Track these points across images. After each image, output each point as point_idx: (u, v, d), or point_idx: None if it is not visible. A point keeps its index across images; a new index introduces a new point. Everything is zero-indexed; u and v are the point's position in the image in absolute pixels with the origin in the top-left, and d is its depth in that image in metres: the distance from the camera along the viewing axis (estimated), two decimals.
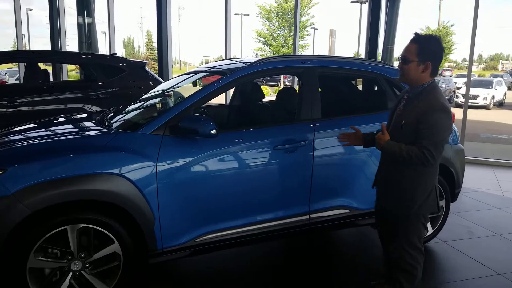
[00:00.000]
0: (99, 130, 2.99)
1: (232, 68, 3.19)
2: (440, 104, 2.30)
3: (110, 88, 5.58)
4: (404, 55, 2.38)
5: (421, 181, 2.41)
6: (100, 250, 2.56)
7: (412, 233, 2.48)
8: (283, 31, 31.82)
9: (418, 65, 2.34)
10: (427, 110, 2.28)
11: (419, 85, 2.40)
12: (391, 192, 2.52)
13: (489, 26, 64.79)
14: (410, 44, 2.38)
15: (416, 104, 2.36)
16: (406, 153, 2.29)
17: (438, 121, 2.27)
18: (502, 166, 7.19)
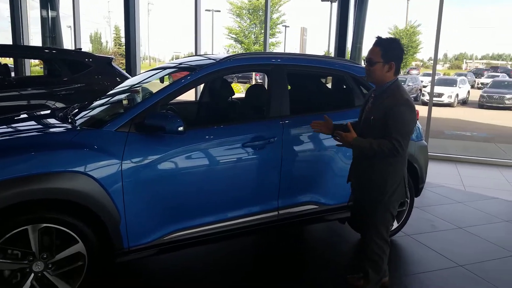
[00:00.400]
0: (62, 127, 2.90)
1: (200, 65, 3.16)
2: (404, 99, 2.50)
3: (75, 84, 5.43)
4: (370, 57, 2.57)
5: (390, 171, 2.58)
6: (63, 250, 2.49)
7: (381, 223, 2.65)
8: (255, 28, 31.77)
9: (383, 66, 2.55)
10: (393, 105, 2.47)
11: (384, 83, 2.58)
12: (363, 184, 2.68)
13: (454, 26, 66.84)
14: (374, 47, 2.57)
15: (382, 101, 2.54)
16: (377, 146, 2.45)
17: (403, 114, 2.46)
18: (465, 161, 7.43)
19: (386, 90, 2.57)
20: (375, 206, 2.64)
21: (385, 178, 2.58)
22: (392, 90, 2.55)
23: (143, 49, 58.60)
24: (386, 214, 2.65)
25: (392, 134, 2.43)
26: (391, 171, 2.58)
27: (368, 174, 2.63)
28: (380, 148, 2.44)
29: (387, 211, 2.64)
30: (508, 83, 20.86)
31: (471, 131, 12.40)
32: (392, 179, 2.58)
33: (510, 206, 5.13)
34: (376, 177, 2.59)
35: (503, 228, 4.37)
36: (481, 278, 3.24)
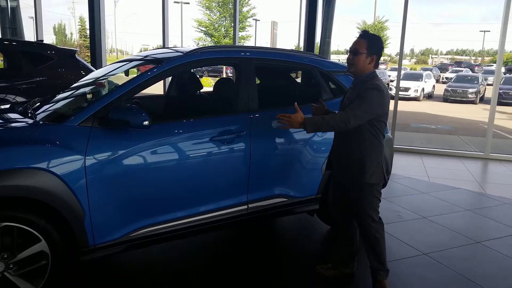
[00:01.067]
0: (22, 122, 2.79)
1: (167, 57, 3.11)
2: (375, 84, 2.64)
3: (37, 78, 5.25)
4: (355, 48, 2.69)
5: (367, 153, 2.70)
6: (25, 249, 2.40)
7: (370, 208, 2.76)
8: (225, 21, 31.61)
9: (366, 57, 2.68)
10: (365, 89, 2.63)
11: (363, 74, 2.71)
12: (344, 169, 2.79)
13: (421, 22, 68.44)
14: (360, 39, 2.71)
15: (358, 88, 2.68)
16: (330, 118, 2.60)
17: (371, 95, 2.60)
18: (429, 153, 7.64)
19: (364, 79, 2.69)
20: (361, 190, 2.73)
21: (362, 158, 2.69)
22: (369, 79, 2.68)
23: (110, 42, 57.38)
24: (373, 199, 2.76)
25: (351, 107, 2.60)
26: (367, 153, 2.69)
27: (347, 158, 2.76)
28: (333, 120, 2.58)
29: (373, 196, 2.75)
30: (471, 77, 21.55)
31: (435, 124, 12.75)
32: (369, 160, 2.68)
33: (471, 195, 5.31)
34: (354, 159, 2.71)
35: (465, 217, 4.52)
36: (444, 266, 3.34)
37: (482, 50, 55.88)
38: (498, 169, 6.79)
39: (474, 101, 19.53)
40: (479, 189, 5.62)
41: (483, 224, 4.37)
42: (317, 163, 3.49)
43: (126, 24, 77.00)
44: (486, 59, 51.18)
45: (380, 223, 2.84)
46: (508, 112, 16.08)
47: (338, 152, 2.86)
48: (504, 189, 5.60)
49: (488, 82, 22.05)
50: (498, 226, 4.25)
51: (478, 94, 19.76)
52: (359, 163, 2.70)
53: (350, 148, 2.73)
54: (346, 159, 2.77)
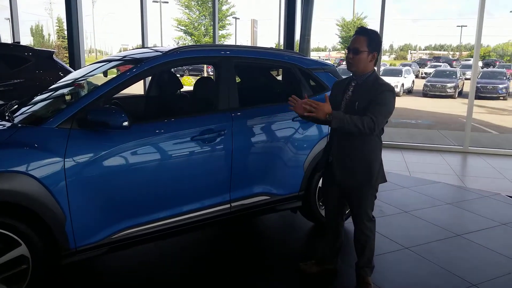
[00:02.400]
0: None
1: (147, 57, 3.09)
2: (389, 85, 2.61)
3: (14, 80, 5.16)
4: (355, 46, 2.59)
5: (373, 155, 2.67)
6: (5, 254, 2.36)
7: (368, 206, 2.76)
8: (204, 20, 31.45)
9: (368, 55, 2.59)
10: (379, 92, 2.55)
11: (365, 73, 2.63)
12: (350, 169, 2.68)
13: (400, 18, 69.29)
14: (359, 36, 2.60)
15: (366, 90, 2.59)
16: (357, 119, 2.46)
17: (387, 98, 2.56)
18: (410, 148, 7.76)
19: (368, 79, 2.63)
20: (366, 191, 2.70)
21: (370, 161, 2.64)
22: (374, 78, 2.62)
23: (89, 42, 56.60)
24: (372, 198, 2.77)
25: (374, 113, 2.49)
26: (373, 155, 2.66)
27: (352, 159, 2.66)
28: (361, 121, 2.46)
29: (373, 196, 2.75)
30: (450, 72, 21.96)
31: (415, 119, 12.94)
32: (375, 162, 2.66)
33: (452, 189, 5.41)
34: (362, 161, 2.65)
35: (446, 210, 4.60)
36: (426, 259, 3.39)
37: (460, 45, 56.87)
38: (477, 163, 6.92)
39: (453, 95, 19.88)
40: (459, 182, 5.72)
41: (463, 217, 4.45)
42: (299, 160, 3.51)
43: (104, 24, 76.02)
44: (464, 54, 52.08)
45: (374, 221, 2.85)
46: (486, 106, 16.40)
47: (341, 153, 2.72)
48: (483, 182, 5.71)
49: (466, 77, 22.45)
50: (477, 219, 4.33)
51: (457, 89, 20.13)
52: (366, 166, 2.65)
53: (356, 149, 2.64)
54: (352, 160, 2.67)
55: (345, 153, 2.69)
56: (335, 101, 2.73)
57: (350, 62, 2.63)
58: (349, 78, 2.79)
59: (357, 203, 2.76)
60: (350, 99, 2.67)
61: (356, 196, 2.74)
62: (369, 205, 2.77)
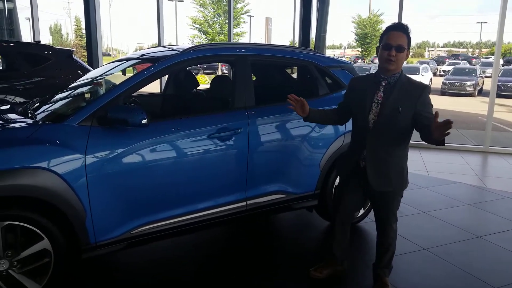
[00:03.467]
0: (22, 122, 2.81)
1: (163, 56, 3.12)
2: (425, 84, 2.56)
3: (35, 78, 5.28)
4: (400, 44, 2.44)
5: (404, 159, 2.65)
6: (28, 247, 2.44)
7: (396, 208, 2.74)
8: (219, 18, 31.55)
9: (407, 52, 2.50)
10: (421, 92, 2.47)
11: (397, 72, 2.54)
12: (385, 174, 2.61)
13: (417, 15, 68.45)
14: (400, 33, 2.46)
15: (405, 91, 2.50)
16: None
17: (429, 98, 2.51)
18: (428, 148, 7.63)
19: (400, 79, 2.52)
20: (397, 195, 2.69)
21: (402, 165, 2.62)
22: (405, 78, 2.54)
23: (106, 41, 57.25)
24: (399, 201, 2.76)
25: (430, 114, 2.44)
26: (405, 160, 2.64)
27: (388, 165, 2.59)
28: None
29: (400, 198, 2.75)
30: (469, 70, 21.54)
31: None
32: (406, 166, 2.65)
33: (471, 190, 5.33)
34: (396, 167, 2.60)
35: (465, 211, 4.53)
36: (445, 261, 3.35)
37: (480, 42, 55.89)
38: (498, 163, 6.81)
39: (473, 94, 19.53)
40: (479, 183, 5.63)
41: (483, 219, 4.37)
42: (315, 159, 3.51)
43: (121, 23, 76.87)
44: (484, 51, 51.19)
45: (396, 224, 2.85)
46: (507, 105, 16.09)
47: (376, 159, 2.59)
48: (504, 183, 5.61)
49: (486, 74, 22.05)
50: (498, 220, 4.26)
51: (477, 87, 19.77)
52: (400, 171, 2.61)
53: (391, 155, 2.57)
54: (388, 167, 2.58)
55: (380, 158, 2.58)
56: (359, 99, 2.61)
57: (392, 60, 2.45)
58: (373, 76, 2.63)
59: (386, 207, 2.73)
60: (387, 102, 2.50)
61: (387, 201, 2.71)
62: (397, 207, 2.76)
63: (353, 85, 2.76)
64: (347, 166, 2.78)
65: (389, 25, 2.55)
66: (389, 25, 2.54)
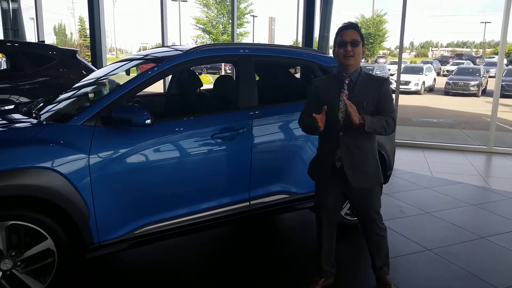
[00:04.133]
0: (26, 122, 2.83)
1: (167, 56, 3.13)
2: (385, 78, 2.63)
3: (39, 78, 5.30)
4: (354, 38, 2.50)
5: (376, 155, 2.67)
6: (32, 247, 2.45)
7: (379, 205, 2.73)
8: (222, 18, 31.59)
9: (362, 48, 2.55)
10: (380, 85, 2.54)
11: (357, 68, 2.58)
12: (362, 171, 2.60)
13: (421, 15, 68.29)
14: (351, 30, 2.53)
15: (366, 86, 2.55)
16: (385, 122, 2.48)
17: (390, 91, 2.59)
18: (431, 148, 7.64)
19: (360, 75, 2.56)
20: (377, 190, 2.70)
21: (376, 159, 2.65)
22: (365, 74, 2.59)
23: (110, 41, 57.41)
24: (380, 197, 2.76)
25: (391, 110, 2.52)
26: (376, 152, 2.66)
27: (363, 161, 2.59)
28: (386, 122, 2.47)
29: (380, 194, 2.77)
30: (473, 70, 21.46)
31: (437, 117, 12.73)
32: (378, 162, 2.68)
33: (475, 190, 5.31)
34: (371, 162, 2.62)
35: (469, 212, 4.52)
36: (448, 261, 3.34)
37: (483, 41, 55.68)
38: (502, 163, 6.78)
39: (476, 93, 19.46)
40: (483, 183, 5.61)
41: (487, 219, 4.35)
42: None
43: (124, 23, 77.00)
44: (488, 51, 51.01)
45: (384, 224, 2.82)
46: (511, 105, 16.02)
47: (351, 157, 2.57)
48: (508, 183, 5.59)
49: (490, 74, 21.96)
50: (502, 221, 4.24)
51: (480, 87, 19.68)
52: (376, 165, 2.63)
53: (364, 151, 2.58)
54: (363, 163, 2.58)
55: (355, 155, 2.57)
56: (326, 100, 2.56)
57: (350, 55, 2.49)
58: (335, 76, 2.65)
59: (369, 206, 2.69)
60: (353, 99, 2.49)
61: (368, 199, 2.68)
62: (379, 204, 2.75)
63: (317, 88, 2.69)
64: (323, 169, 2.70)
65: (340, 26, 2.60)
66: (340, 26, 2.60)
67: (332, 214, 2.79)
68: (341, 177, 2.62)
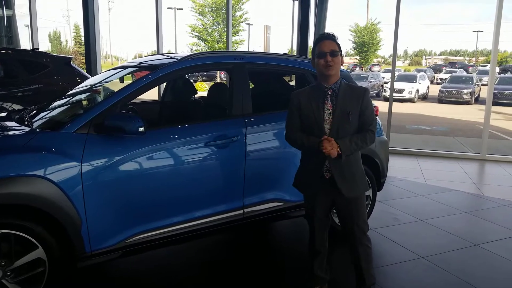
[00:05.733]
0: (18, 130, 2.81)
1: (162, 64, 3.13)
2: (362, 87, 2.65)
3: (33, 85, 5.28)
4: (332, 49, 2.49)
5: (360, 161, 2.67)
6: (23, 256, 2.41)
7: (364, 213, 2.71)
8: (218, 26, 31.67)
9: (341, 58, 2.55)
10: (361, 94, 2.55)
11: (338, 79, 2.57)
12: (350, 180, 2.58)
13: (414, 24, 68.97)
14: (329, 41, 2.52)
15: (348, 96, 2.54)
16: (361, 142, 2.50)
17: (371, 101, 2.60)
18: (425, 155, 7.67)
19: (341, 85, 2.55)
20: (362, 198, 2.68)
21: (361, 167, 2.66)
22: (346, 84, 2.59)
23: (105, 48, 57.42)
24: (365, 205, 2.74)
25: (372, 122, 2.55)
26: (360, 161, 2.66)
27: (351, 169, 2.58)
28: (363, 139, 2.50)
29: (365, 203, 2.75)
30: (466, 78, 21.65)
31: (431, 125, 12.80)
32: (363, 169, 2.68)
33: (469, 197, 5.33)
34: (358, 169, 2.63)
35: (463, 219, 4.53)
36: (442, 269, 3.34)
37: (476, 50, 56.20)
38: (495, 170, 6.81)
39: (469, 101, 19.60)
40: (476, 191, 5.63)
41: (481, 227, 4.36)
42: None
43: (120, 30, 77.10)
44: (480, 59, 51.44)
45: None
46: (503, 112, 16.15)
47: (339, 166, 2.54)
48: (501, 191, 5.61)
49: (482, 82, 22.13)
50: (496, 228, 4.26)
51: (473, 95, 19.84)
52: (362, 172, 2.66)
53: (351, 158, 2.54)
54: (351, 171, 2.57)
55: (343, 165, 2.54)
56: (310, 112, 2.55)
57: (330, 65, 2.47)
58: (317, 87, 2.61)
59: (356, 215, 2.64)
60: (337, 110, 2.51)
61: (356, 207, 2.63)
62: (364, 212, 2.72)
63: (299, 100, 2.63)
64: (313, 182, 2.65)
65: (317, 37, 2.62)
66: (317, 37, 2.61)
67: (324, 221, 2.78)
68: (330, 186, 2.60)
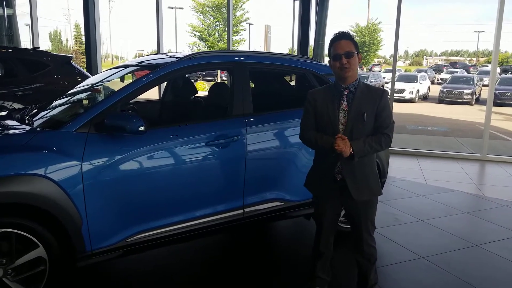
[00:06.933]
0: (20, 129, 2.81)
1: (162, 63, 3.13)
2: (379, 88, 2.60)
3: (33, 84, 5.28)
4: (347, 50, 2.42)
5: (374, 164, 2.63)
6: (23, 255, 2.42)
7: (374, 216, 2.68)
8: (218, 25, 31.66)
9: (358, 57, 2.47)
10: (379, 96, 2.48)
11: (355, 79, 2.50)
12: (365, 184, 2.54)
13: (415, 24, 68.94)
14: (344, 40, 2.45)
15: (365, 97, 2.48)
16: (376, 144, 2.44)
17: (387, 100, 2.54)
18: (426, 155, 7.66)
19: (359, 86, 2.50)
20: (374, 202, 2.63)
21: (375, 171, 2.61)
22: (364, 84, 2.53)
23: (105, 47, 57.42)
24: (376, 207, 2.68)
25: (389, 126, 2.48)
26: (374, 164, 2.62)
27: (364, 173, 2.53)
28: (378, 143, 2.44)
29: (376, 204, 2.68)
30: (467, 78, 21.61)
31: (431, 125, 12.78)
32: (377, 173, 2.64)
33: (469, 198, 5.33)
34: (372, 173, 2.57)
35: (463, 219, 4.53)
36: (443, 269, 3.33)
37: (477, 50, 56.12)
38: (496, 171, 6.81)
39: (470, 102, 19.58)
40: (477, 191, 5.63)
41: (481, 227, 4.36)
42: None
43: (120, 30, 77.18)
44: (481, 60, 51.37)
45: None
46: (504, 113, 16.13)
47: (352, 170, 2.50)
48: (502, 191, 5.61)
49: (483, 83, 22.12)
50: (496, 229, 4.26)
51: (474, 95, 19.81)
52: (376, 176, 2.60)
53: (364, 161, 2.49)
54: (364, 175, 2.53)
55: (356, 168, 2.50)
56: (325, 112, 2.52)
57: (346, 67, 2.41)
58: (333, 87, 2.57)
59: (365, 217, 2.62)
60: (353, 110, 2.47)
61: (366, 209, 2.61)
62: (374, 217, 2.69)
63: (315, 99, 2.59)
64: (324, 183, 2.61)
65: (332, 37, 2.53)
66: (332, 37, 2.53)
67: (333, 223, 2.75)
68: (340, 188, 2.57)
